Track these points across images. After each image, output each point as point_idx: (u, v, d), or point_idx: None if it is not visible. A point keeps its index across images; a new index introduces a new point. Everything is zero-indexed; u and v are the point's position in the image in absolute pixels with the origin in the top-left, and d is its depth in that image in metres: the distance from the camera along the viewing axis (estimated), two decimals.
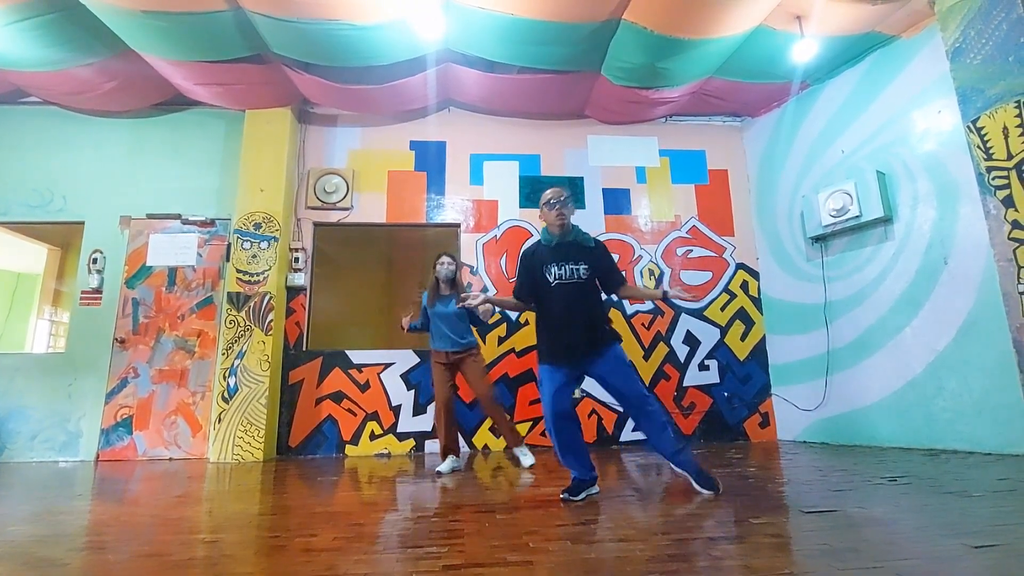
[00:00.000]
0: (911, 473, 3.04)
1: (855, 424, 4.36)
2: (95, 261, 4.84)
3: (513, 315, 5.00)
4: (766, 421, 4.98)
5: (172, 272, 4.93)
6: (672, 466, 2.72)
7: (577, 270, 2.66)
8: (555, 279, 2.66)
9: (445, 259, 3.86)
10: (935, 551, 1.67)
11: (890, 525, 1.97)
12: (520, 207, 5.27)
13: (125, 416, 4.60)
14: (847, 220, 4.40)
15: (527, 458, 3.73)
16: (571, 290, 2.65)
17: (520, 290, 2.81)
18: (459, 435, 3.88)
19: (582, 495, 2.57)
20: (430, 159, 5.34)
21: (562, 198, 2.69)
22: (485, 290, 5.03)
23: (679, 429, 4.86)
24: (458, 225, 5.23)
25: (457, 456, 3.69)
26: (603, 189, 5.35)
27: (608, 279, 2.78)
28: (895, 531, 1.89)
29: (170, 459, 4.52)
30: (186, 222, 5.00)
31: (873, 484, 2.77)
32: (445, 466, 3.56)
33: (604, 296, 2.82)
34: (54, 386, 4.60)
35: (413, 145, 5.36)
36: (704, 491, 2.57)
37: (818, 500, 2.42)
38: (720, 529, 2.00)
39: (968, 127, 3.64)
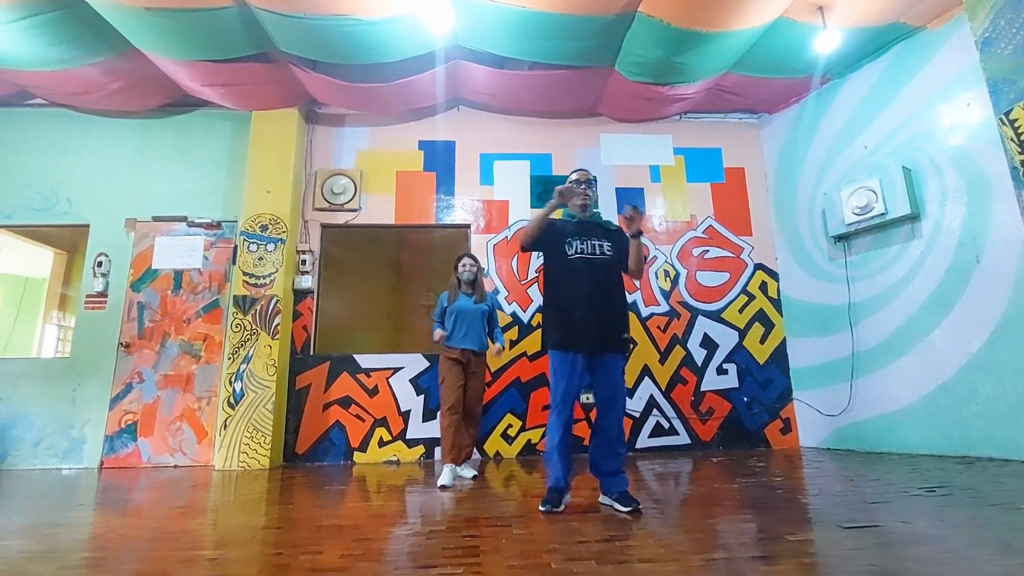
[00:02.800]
0: (948, 483, 2.87)
1: (883, 430, 4.19)
2: (100, 264, 4.78)
3: (525, 318, 4.87)
4: (788, 427, 4.81)
5: (178, 275, 4.85)
6: (601, 483, 2.59)
7: (601, 246, 2.61)
8: (576, 253, 2.58)
9: (467, 261, 3.80)
10: (992, 572, 1.51)
11: (939, 543, 1.82)
12: (531, 207, 5.14)
13: (129, 422, 4.51)
14: (871, 218, 4.24)
15: (470, 471, 3.54)
16: (593, 267, 2.57)
17: (532, 240, 2.61)
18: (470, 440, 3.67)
19: (562, 505, 2.47)
20: (439, 159, 5.24)
21: (587, 179, 2.70)
22: (496, 292, 4.90)
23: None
24: (468, 226, 5.11)
25: (460, 464, 3.51)
26: (616, 188, 5.21)
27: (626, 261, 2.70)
28: (948, 549, 1.74)
29: (175, 466, 4.43)
30: (192, 224, 4.93)
31: (910, 495, 2.61)
32: (446, 477, 3.29)
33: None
34: (58, 392, 4.53)
35: (422, 145, 5.26)
36: (623, 509, 2.40)
37: (855, 514, 2.27)
38: (754, 547, 1.86)
39: (1001, 119, 3.46)
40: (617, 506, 2.44)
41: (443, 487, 3.20)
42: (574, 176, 2.75)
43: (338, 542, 2.02)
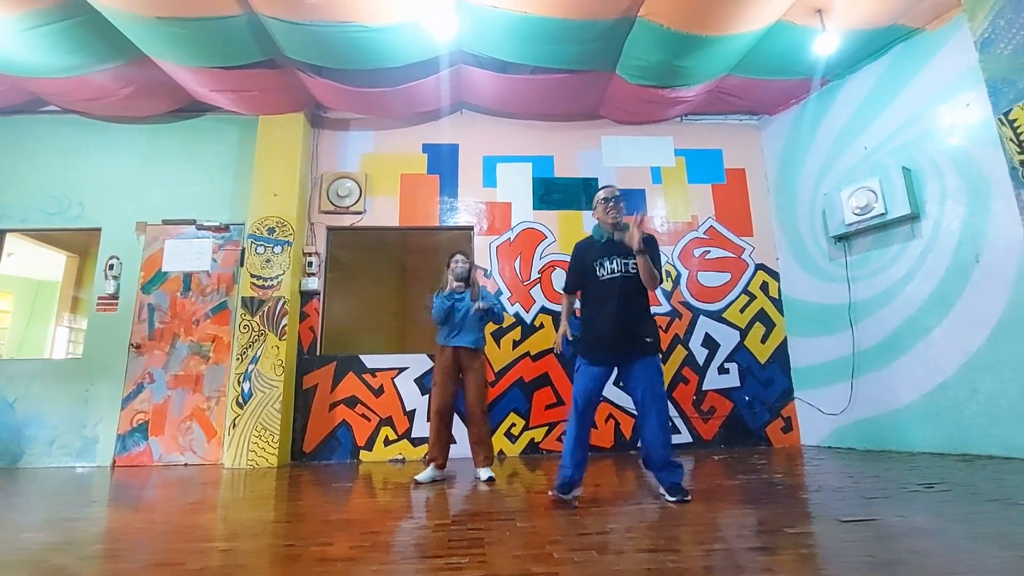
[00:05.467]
0: (947, 480, 2.91)
1: (883, 429, 4.22)
2: (111, 267, 4.86)
3: (528, 318, 4.93)
4: (789, 426, 4.84)
5: (187, 277, 4.93)
6: (656, 476, 2.77)
7: (627, 264, 2.73)
8: (608, 274, 2.73)
9: (459, 257, 3.77)
10: (991, 563, 1.56)
11: (936, 536, 1.86)
12: (534, 209, 5.20)
13: (141, 422, 4.59)
14: (871, 218, 4.27)
15: (486, 472, 3.47)
16: (621, 285, 2.72)
17: (570, 284, 2.99)
18: (450, 446, 3.62)
19: (572, 494, 2.63)
20: (443, 162, 5.31)
21: (615, 195, 2.82)
22: (499, 293, 4.96)
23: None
24: (471, 228, 5.18)
25: (442, 468, 3.50)
26: (618, 190, 5.25)
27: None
28: (943, 542, 1.79)
29: (185, 465, 4.50)
30: (201, 227, 5.01)
31: (909, 491, 2.65)
32: (424, 475, 3.39)
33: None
34: (71, 392, 4.61)
35: (426, 148, 5.33)
36: (670, 498, 2.58)
37: (854, 508, 2.32)
38: (754, 539, 1.91)
39: (1000, 120, 3.50)
40: (666, 496, 2.58)
41: (416, 482, 3.34)
42: (602, 195, 2.84)
43: (347, 535, 2.08)
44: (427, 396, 4.72)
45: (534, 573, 1.56)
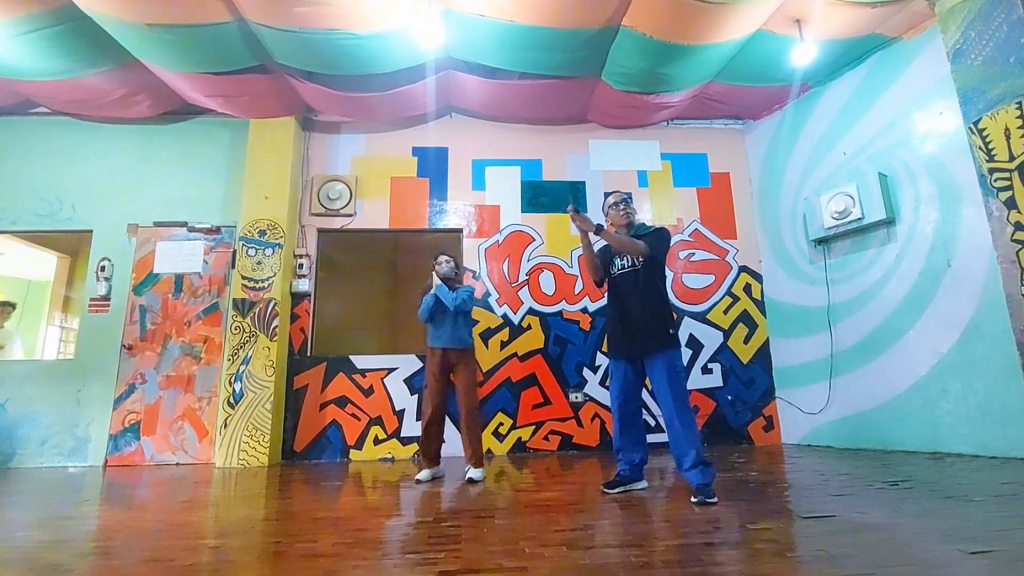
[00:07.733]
0: (913, 477, 3.03)
1: (859, 427, 4.34)
2: (103, 269, 4.92)
3: (516, 319, 5.02)
4: (770, 425, 4.96)
5: (179, 279, 4.99)
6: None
7: (636, 258, 2.87)
8: (618, 270, 2.93)
9: (443, 258, 3.77)
10: (931, 557, 1.67)
11: (888, 530, 1.97)
12: (522, 212, 5.29)
13: (133, 422, 4.66)
14: (849, 222, 4.39)
15: (477, 473, 3.45)
16: (627, 280, 2.89)
17: (596, 271, 3.05)
18: (441, 445, 3.65)
19: (619, 489, 2.82)
20: (432, 165, 5.38)
21: (623, 199, 3.00)
22: (488, 295, 5.05)
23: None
24: (460, 230, 5.26)
25: (437, 466, 3.57)
26: (605, 193, 5.32)
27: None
28: (892, 536, 1.89)
29: (177, 464, 4.57)
30: (192, 229, 5.06)
31: (875, 489, 2.76)
32: (424, 474, 3.48)
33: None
34: (63, 392, 4.67)
35: (415, 151, 5.41)
36: (692, 499, 2.55)
37: (818, 505, 2.42)
38: (717, 535, 2.01)
39: (970, 128, 3.63)
40: (692, 497, 2.56)
41: (418, 481, 3.43)
42: (611, 200, 3.02)
43: (332, 532, 2.17)
44: (416, 396, 4.81)
45: (504, 567, 1.65)
